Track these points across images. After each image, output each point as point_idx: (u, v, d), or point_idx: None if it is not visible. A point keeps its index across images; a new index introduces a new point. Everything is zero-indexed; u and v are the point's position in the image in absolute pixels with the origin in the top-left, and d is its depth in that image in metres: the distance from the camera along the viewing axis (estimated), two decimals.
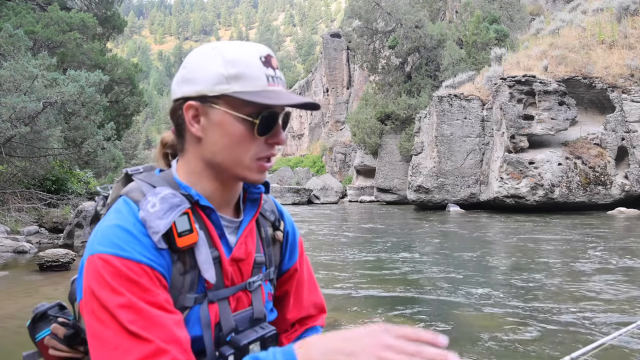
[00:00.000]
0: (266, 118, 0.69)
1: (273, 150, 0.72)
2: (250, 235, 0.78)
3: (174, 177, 0.74)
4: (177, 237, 0.67)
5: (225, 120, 0.69)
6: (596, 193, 12.91)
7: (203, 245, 0.69)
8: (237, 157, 0.70)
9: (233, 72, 0.67)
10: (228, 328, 0.71)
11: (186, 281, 0.68)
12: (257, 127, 0.69)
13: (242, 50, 0.69)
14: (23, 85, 8.23)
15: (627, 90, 13.42)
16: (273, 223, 0.83)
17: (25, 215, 8.99)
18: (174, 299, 0.67)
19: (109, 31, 16.62)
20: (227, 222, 0.76)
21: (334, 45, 42.57)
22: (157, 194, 0.68)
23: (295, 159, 45.72)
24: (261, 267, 0.79)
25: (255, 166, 0.71)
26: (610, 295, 3.73)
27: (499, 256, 5.84)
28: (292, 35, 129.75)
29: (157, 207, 0.66)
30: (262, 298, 0.77)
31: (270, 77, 0.68)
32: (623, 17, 14.91)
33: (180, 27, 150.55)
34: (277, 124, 0.71)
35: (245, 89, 0.67)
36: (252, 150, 0.70)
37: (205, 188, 0.73)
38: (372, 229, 10.05)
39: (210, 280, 0.69)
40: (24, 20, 11.83)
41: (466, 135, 15.78)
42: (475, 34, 20.04)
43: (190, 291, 0.69)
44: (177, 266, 0.68)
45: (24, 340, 2.90)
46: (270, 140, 0.71)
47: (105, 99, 10.02)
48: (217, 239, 0.73)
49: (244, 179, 0.72)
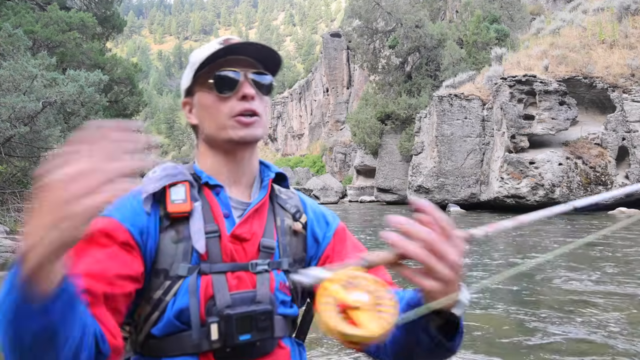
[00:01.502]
0: (219, 78, 0.76)
1: (247, 104, 0.76)
2: (259, 218, 0.78)
3: (194, 164, 0.83)
4: (169, 203, 0.72)
5: (201, 98, 0.79)
6: (596, 193, 12.89)
7: (197, 217, 0.73)
8: (217, 122, 0.76)
9: (193, 60, 0.79)
10: (223, 303, 0.70)
11: (179, 250, 0.71)
12: (215, 87, 0.76)
13: (204, 46, 0.79)
14: (22, 85, 8.21)
15: (628, 90, 13.41)
16: (293, 215, 0.82)
17: (25, 216, 8.95)
18: (168, 266, 0.71)
19: (108, 31, 16.60)
20: (236, 203, 0.78)
21: (334, 45, 42.56)
22: (162, 165, 0.77)
23: (295, 158, 45.72)
24: (271, 253, 0.77)
25: (233, 123, 0.76)
26: (610, 296, 3.71)
27: (499, 256, 5.82)
28: (292, 35, 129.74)
29: (157, 174, 0.74)
30: (269, 284, 0.74)
31: (224, 45, 0.76)
32: (624, 17, 14.89)
33: (180, 26, 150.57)
34: (240, 81, 0.76)
35: (198, 65, 0.77)
36: (225, 110, 0.76)
37: (211, 166, 0.79)
38: (372, 229, 10.04)
39: (200, 250, 0.71)
40: (24, 20, 11.81)
41: (466, 135, 15.76)
42: (476, 33, 20.02)
43: (184, 261, 0.71)
44: (170, 233, 0.72)
45: None
46: (238, 96, 0.76)
47: (104, 99, 10.00)
48: (220, 215, 0.75)
49: (230, 139, 0.76)
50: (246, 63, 0.78)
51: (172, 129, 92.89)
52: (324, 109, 45.39)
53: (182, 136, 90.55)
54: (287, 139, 54.98)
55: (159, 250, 0.71)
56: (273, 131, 57.76)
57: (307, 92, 50.48)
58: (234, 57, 0.77)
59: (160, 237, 0.72)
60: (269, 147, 59.15)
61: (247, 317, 0.70)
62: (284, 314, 0.76)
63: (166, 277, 0.71)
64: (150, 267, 0.71)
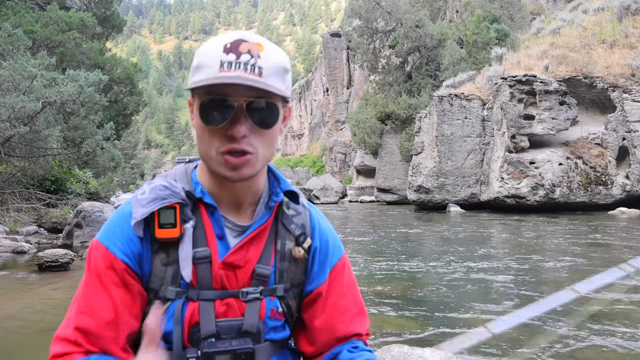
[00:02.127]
0: (206, 105, 0.66)
1: (233, 144, 0.66)
2: (257, 243, 0.74)
3: (193, 172, 0.77)
4: (158, 227, 0.70)
5: (194, 112, 0.69)
6: (597, 193, 12.88)
7: (187, 242, 0.70)
8: (205, 150, 0.69)
9: (195, 63, 0.67)
10: (207, 331, 0.69)
11: (168, 273, 0.70)
12: (199, 115, 0.67)
13: (213, 40, 0.68)
14: (22, 84, 8.19)
15: (628, 89, 13.39)
16: (297, 238, 0.77)
17: (24, 216, 8.95)
18: (157, 288, 0.71)
19: (108, 31, 16.58)
20: (231, 225, 0.74)
21: (334, 45, 42.52)
22: (151, 184, 0.73)
23: (295, 158, 45.70)
24: (265, 280, 0.74)
25: (221, 160, 0.67)
26: (612, 294, 3.69)
27: (499, 257, 5.81)
28: (292, 35, 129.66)
29: (145, 196, 0.71)
30: (259, 312, 0.72)
31: (227, 63, 0.64)
32: (624, 17, 14.87)
33: (180, 26, 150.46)
34: (232, 112, 0.65)
35: (199, 78, 0.66)
36: (214, 143, 0.67)
37: (208, 183, 0.74)
38: (372, 229, 10.03)
39: (186, 278, 0.69)
40: (23, 20, 11.79)
41: (467, 135, 15.74)
42: (476, 33, 20.00)
43: (173, 284, 0.70)
44: (161, 256, 0.71)
45: (23, 340, 2.88)
46: (227, 132, 0.66)
47: (104, 99, 9.98)
48: (213, 238, 0.72)
49: (219, 174, 0.69)
50: (247, 87, 0.65)
51: (172, 129, 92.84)
52: (324, 108, 45.36)
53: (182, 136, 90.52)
54: (287, 139, 54.97)
55: (151, 270, 0.71)
56: None
57: (307, 92, 50.46)
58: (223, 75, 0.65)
59: (152, 258, 0.71)
60: None
61: (227, 356, 0.68)
62: (272, 339, 0.75)
63: (156, 296, 0.71)
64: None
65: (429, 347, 2.42)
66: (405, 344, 2.32)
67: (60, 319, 0.73)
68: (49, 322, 3.07)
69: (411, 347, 2.25)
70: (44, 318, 3.23)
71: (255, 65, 0.65)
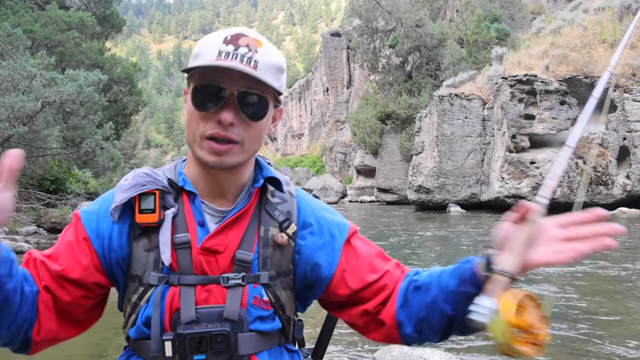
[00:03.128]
0: (199, 90, 0.69)
1: (220, 130, 0.68)
2: (237, 228, 0.74)
3: (181, 164, 0.80)
4: (138, 213, 0.72)
5: (187, 97, 0.72)
6: (598, 193, 12.86)
7: (166, 228, 0.72)
8: (191, 135, 0.71)
9: (195, 52, 0.71)
10: (187, 317, 0.70)
11: (150, 259, 0.72)
12: (191, 98, 0.70)
13: (215, 33, 0.72)
14: (21, 84, 8.17)
15: (629, 89, 13.37)
16: (281, 224, 0.76)
17: (24, 216, 8.93)
18: (140, 273, 0.72)
19: (107, 30, 16.55)
20: (212, 211, 0.75)
21: (334, 45, 42.50)
22: (135, 172, 0.76)
23: (295, 158, 45.71)
24: (247, 267, 0.73)
25: (205, 145, 0.69)
26: (613, 296, 3.67)
27: None
28: (292, 35, 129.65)
29: (128, 182, 0.74)
30: (241, 299, 0.71)
31: (224, 53, 0.67)
32: (625, 16, 14.85)
33: (180, 26, 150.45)
34: (224, 100, 0.68)
35: (196, 64, 0.69)
36: (200, 128, 0.69)
37: (192, 172, 0.76)
38: (373, 229, 10.00)
39: (165, 262, 0.71)
40: (23, 19, 11.76)
41: (467, 134, 15.72)
42: (476, 33, 19.98)
43: (155, 269, 0.71)
44: (143, 242, 0.73)
45: None
46: (216, 117, 0.68)
47: (104, 99, 9.97)
48: (194, 224, 0.73)
49: (201, 159, 0.71)
50: (241, 76, 0.67)
51: (171, 128, 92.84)
52: (324, 108, 45.35)
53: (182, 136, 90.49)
54: (287, 139, 54.94)
55: (132, 257, 0.73)
56: (273, 131, 57.66)
57: (307, 92, 50.43)
58: (218, 63, 0.67)
59: (133, 244, 0.73)
60: (268, 146, 59.12)
61: (202, 337, 0.68)
62: (258, 330, 0.73)
63: (140, 283, 0.72)
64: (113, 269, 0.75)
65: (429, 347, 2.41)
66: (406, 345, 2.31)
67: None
68: None
69: (411, 348, 2.23)
70: None
71: (252, 58, 0.67)
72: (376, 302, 0.77)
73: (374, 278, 0.77)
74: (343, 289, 0.77)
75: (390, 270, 0.79)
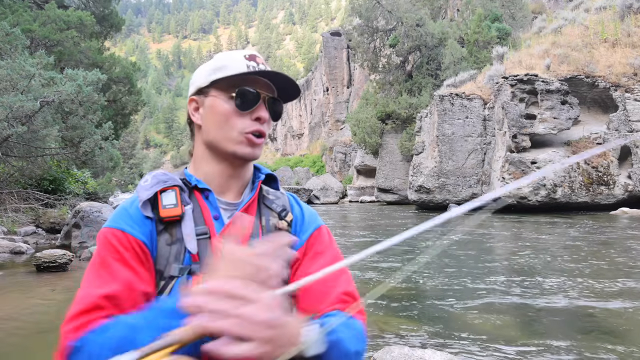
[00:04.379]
0: (243, 94, 0.80)
1: (259, 126, 0.81)
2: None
3: (185, 169, 0.87)
4: (162, 208, 0.77)
5: (215, 102, 0.81)
6: (599, 193, 12.82)
7: (189, 220, 0.77)
8: (226, 132, 0.80)
9: (219, 65, 0.82)
10: None
11: (172, 251, 0.76)
12: (236, 102, 0.80)
13: (230, 52, 0.84)
14: (20, 84, 8.12)
15: (630, 89, 13.33)
16: (279, 213, 0.86)
17: (22, 216, 8.88)
18: (162, 268, 0.75)
19: (106, 29, 16.49)
20: (225, 205, 0.83)
21: (334, 44, 42.43)
22: (152, 173, 0.82)
23: (295, 158, 45.63)
24: None
25: (243, 139, 0.80)
26: (614, 296, 3.63)
27: (501, 258, 5.74)
28: (291, 34, 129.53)
29: (148, 182, 0.80)
30: None
31: (252, 66, 0.80)
32: (626, 16, 14.80)
33: (179, 25, 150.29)
34: (259, 102, 0.81)
35: (227, 74, 0.80)
36: (239, 125, 0.80)
37: (206, 171, 0.84)
38: (373, 230, 9.96)
39: (192, 250, 0.75)
40: (21, 19, 11.71)
41: (468, 134, 15.67)
42: (477, 32, 19.92)
43: (176, 262, 0.75)
44: (165, 237, 0.77)
45: (20, 342, 2.82)
46: (253, 116, 0.80)
47: (103, 98, 9.91)
48: (210, 218, 0.80)
49: (234, 153, 0.80)
50: (266, 86, 0.82)
51: (170, 128, 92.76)
52: (324, 108, 45.28)
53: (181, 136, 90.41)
54: (287, 139, 54.87)
55: (157, 252, 0.77)
56: (273, 131, 57.64)
57: (307, 92, 50.37)
58: (257, 77, 0.81)
59: (158, 239, 0.77)
60: (268, 146, 59.05)
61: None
62: None
63: (161, 277, 0.76)
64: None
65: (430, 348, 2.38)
66: (406, 345, 2.32)
67: (58, 321, 0.69)
68: (47, 323, 3.06)
69: (412, 349, 2.25)
70: (42, 319, 3.21)
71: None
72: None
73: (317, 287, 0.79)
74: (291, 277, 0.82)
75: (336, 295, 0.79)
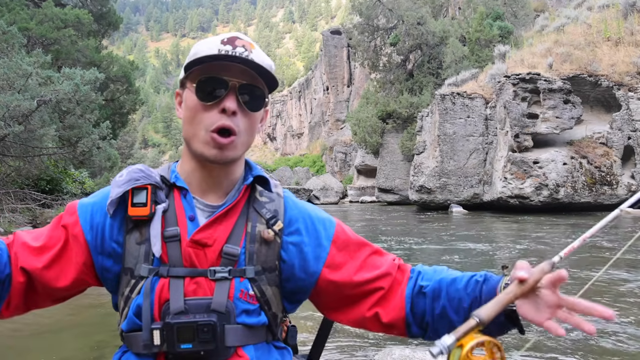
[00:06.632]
0: (204, 82, 0.73)
1: (225, 120, 0.73)
2: (226, 222, 0.77)
3: (174, 164, 0.84)
4: (130, 206, 0.76)
5: (187, 96, 0.77)
6: (602, 193, 12.73)
7: (157, 221, 0.75)
8: (194, 130, 0.75)
9: (192, 53, 0.76)
10: (176, 308, 0.72)
11: (141, 251, 0.75)
12: (195, 91, 0.74)
13: (211, 37, 0.77)
14: (17, 83, 8.02)
15: (634, 88, 13.23)
16: (267, 221, 0.79)
17: (19, 216, 8.77)
18: (132, 266, 0.75)
19: (104, 28, 16.36)
20: (203, 206, 0.79)
21: (335, 43, 42.28)
22: (129, 168, 0.80)
23: (294, 158, 45.53)
24: (234, 261, 0.75)
25: (208, 139, 0.73)
26: (615, 297, 3.52)
27: (503, 258, 5.65)
28: (291, 32, 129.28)
29: (122, 177, 0.78)
30: (228, 292, 0.74)
31: (224, 51, 0.73)
32: (629, 14, 14.70)
33: (178, 24, 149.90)
34: (224, 91, 0.73)
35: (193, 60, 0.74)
36: (206, 121, 0.73)
37: (186, 170, 0.80)
38: (373, 230, 9.86)
39: (156, 253, 0.74)
40: (18, 17, 11.59)
41: (469, 134, 15.57)
42: (479, 30, 19.79)
43: (146, 262, 0.74)
44: (135, 235, 0.76)
45: (17, 343, 2.71)
46: (219, 108, 0.73)
47: (100, 97, 9.82)
48: (184, 219, 0.76)
49: (202, 155, 0.75)
50: (240, 73, 0.74)
51: (169, 127, 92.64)
52: (324, 107, 45.15)
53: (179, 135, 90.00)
54: (287, 138, 54.75)
55: (125, 250, 0.76)
56: (272, 130, 57.55)
57: (307, 91, 50.23)
58: (230, 63, 0.73)
59: (126, 237, 0.76)
60: (267, 146, 58.95)
61: (189, 327, 0.70)
62: (244, 323, 0.75)
63: (132, 276, 0.75)
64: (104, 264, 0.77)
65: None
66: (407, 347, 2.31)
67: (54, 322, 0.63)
68: (43, 325, 3.07)
69: (413, 350, 2.24)
70: (38, 321, 3.21)
71: (248, 57, 0.73)
72: (370, 302, 0.79)
73: (367, 277, 0.79)
74: (332, 286, 0.80)
75: (387, 270, 0.80)
